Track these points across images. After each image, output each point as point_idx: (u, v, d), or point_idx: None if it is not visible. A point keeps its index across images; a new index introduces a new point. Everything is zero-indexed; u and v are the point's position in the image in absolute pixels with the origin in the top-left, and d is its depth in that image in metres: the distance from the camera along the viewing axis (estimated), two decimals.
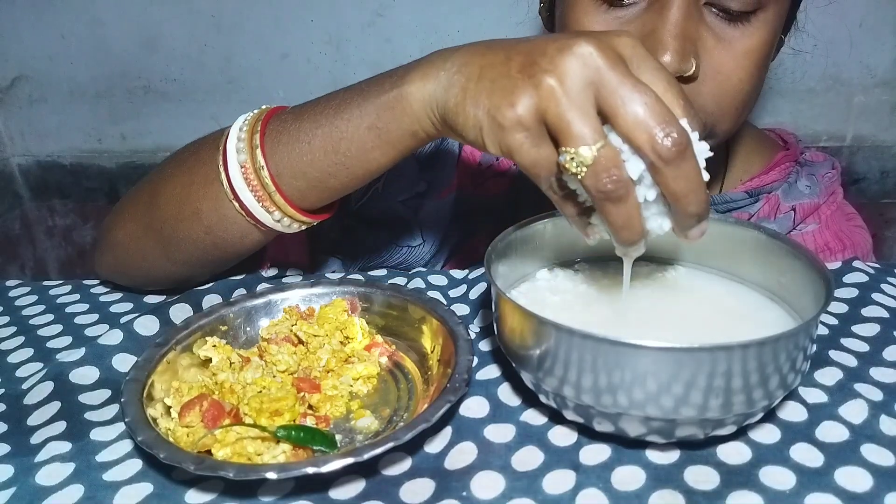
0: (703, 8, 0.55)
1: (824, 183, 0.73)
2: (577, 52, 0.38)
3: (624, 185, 0.38)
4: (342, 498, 0.39)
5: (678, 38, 0.53)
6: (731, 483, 0.38)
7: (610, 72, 0.38)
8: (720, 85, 0.56)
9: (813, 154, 0.76)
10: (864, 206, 1.18)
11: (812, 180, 0.73)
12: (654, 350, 0.36)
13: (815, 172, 0.74)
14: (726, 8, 0.54)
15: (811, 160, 0.75)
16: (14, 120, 1.26)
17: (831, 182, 0.74)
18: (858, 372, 0.47)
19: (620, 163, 0.38)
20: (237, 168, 0.52)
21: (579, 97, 0.38)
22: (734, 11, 0.54)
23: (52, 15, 1.17)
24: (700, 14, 0.55)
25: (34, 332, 0.57)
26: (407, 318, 0.51)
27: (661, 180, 0.38)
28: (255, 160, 0.52)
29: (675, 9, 0.53)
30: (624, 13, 0.56)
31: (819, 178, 0.73)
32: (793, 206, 0.71)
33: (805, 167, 0.74)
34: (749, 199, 0.71)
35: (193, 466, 0.37)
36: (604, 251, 0.53)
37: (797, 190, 0.72)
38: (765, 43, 0.57)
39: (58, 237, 1.36)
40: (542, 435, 0.42)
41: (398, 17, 1.11)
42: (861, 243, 0.72)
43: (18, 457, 0.42)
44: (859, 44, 1.07)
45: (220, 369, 0.46)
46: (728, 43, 0.56)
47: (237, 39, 1.15)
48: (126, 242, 0.59)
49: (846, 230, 0.73)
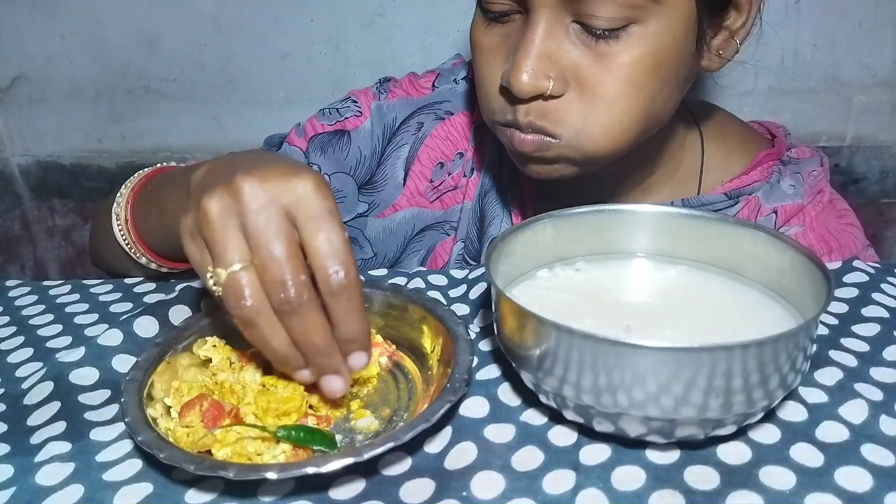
0: (570, 25, 0.55)
1: (809, 182, 0.70)
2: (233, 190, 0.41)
3: (252, 311, 0.40)
4: (342, 498, 0.39)
5: (529, 58, 0.54)
6: (731, 483, 0.38)
7: (253, 214, 0.40)
8: (588, 101, 0.56)
9: (799, 150, 0.73)
10: (864, 206, 1.18)
11: (797, 179, 0.70)
12: (654, 350, 0.36)
13: (800, 170, 0.71)
14: (592, 25, 0.54)
15: (797, 157, 0.72)
16: (14, 120, 1.26)
17: (817, 181, 0.70)
18: (858, 372, 0.47)
19: (249, 290, 0.40)
20: (117, 229, 0.64)
21: (222, 223, 0.40)
22: (602, 29, 0.54)
23: (52, 15, 1.17)
24: (566, 31, 0.55)
25: (34, 332, 0.57)
26: (407, 318, 0.51)
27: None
28: (128, 228, 0.64)
29: (536, 28, 0.54)
30: (504, 29, 0.58)
31: (805, 176, 0.70)
32: (774, 208, 0.69)
33: (789, 165, 0.71)
34: (728, 200, 0.69)
35: (193, 466, 0.37)
36: (604, 250, 0.53)
37: (780, 191, 0.69)
38: (644, 57, 0.55)
39: (58, 237, 1.36)
40: (542, 435, 0.42)
41: (398, 17, 1.11)
42: (850, 243, 0.69)
43: (18, 457, 0.42)
44: (859, 44, 1.07)
45: (220, 369, 0.46)
46: (600, 58, 0.55)
47: (237, 39, 1.15)
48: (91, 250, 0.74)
49: (835, 230, 0.70)
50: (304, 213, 0.40)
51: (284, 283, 0.39)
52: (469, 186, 0.77)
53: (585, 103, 0.56)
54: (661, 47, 0.55)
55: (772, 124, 0.77)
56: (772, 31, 0.66)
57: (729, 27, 0.60)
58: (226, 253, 0.40)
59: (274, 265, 0.39)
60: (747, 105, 1.11)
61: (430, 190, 0.78)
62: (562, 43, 0.55)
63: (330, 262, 0.40)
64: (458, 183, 0.77)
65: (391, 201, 0.78)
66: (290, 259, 0.40)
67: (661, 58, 0.56)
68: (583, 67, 0.55)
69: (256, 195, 0.40)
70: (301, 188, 0.41)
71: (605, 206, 0.52)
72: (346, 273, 0.40)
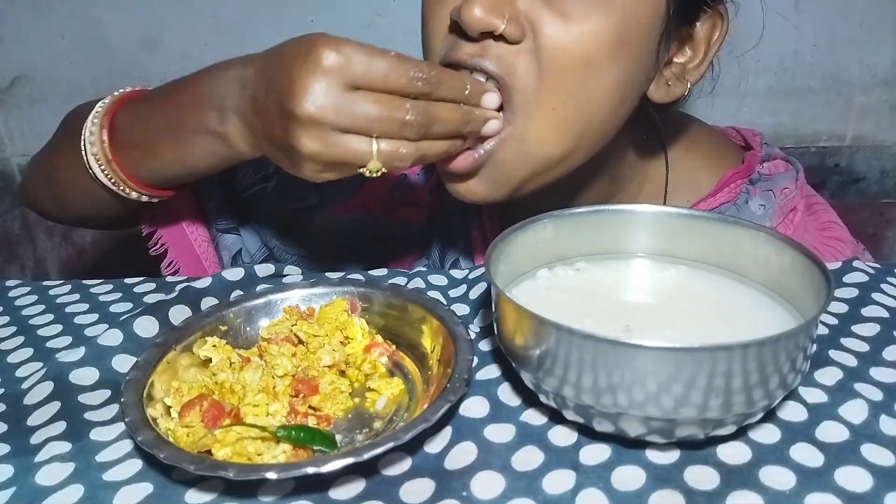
0: None
1: (780, 201, 0.67)
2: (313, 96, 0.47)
3: (412, 153, 0.50)
4: (342, 498, 0.39)
5: None
6: (731, 483, 0.38)
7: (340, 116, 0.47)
8: (547, 52, 0.52)
9: (773, 165, 0.69)
10: (864, 206, 1.19)
11: (767, 198, 0.67)
12: (654, 350, 0.36)
13: (772, 187, 0.67)
14: None
15: (769, 173, 0.68)
16: (14, 120, 1.26)
17: (789, 199, 0.67)
18: (858, 372, 0.47)
19: (398, 144, 0.49)
20: (93, 158, 0.61)
21: (329, 142, 0.48)
22: None
23: (52, 15, 1.17)
24: None
25: (34, 332, 0.57)
26: (407, 318, 0.51)
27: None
28: (105, 152, 0.61)
29: None
30: None
31: (776, 193, 0.67)
32: None
33: (759, 183, 0.67)
34: None
35: (193, 466, 0.37)
36: (604, 250, 0.53)
37: (748, 211, 0.66)
38: (607, 28, 0.52)
39: (58, 237, 1.36)
40: (542, 435, 0.42)
41: (398, 17, 1.11)
42: (831, 260, 0.64)
43: (18, 457, 0.42)
44: (859, 44, 1.07)
45: (220, 369, 0.46)
46: (565, 16, 0.52)
47: (237, 39, 1.15)
48: (35, 186, 0.72)
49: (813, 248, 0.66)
50: (359, 79, 0.47)
51: (404, 120, 0.48)
52: (433, 204, 0.75)
53: (542, 53, 0.52)
54: (624, 26, 0.52)
55: (748, 132, 0.75)
56: (772, 30, 0.66)
57: (684, 63, 0.59)
58: (360, 152, 0.48)
59: (391, 129, 0.48)
60: (747, 105, 1.11)
61: (389, 199, 0.75)
62: None
63: (407, 78, 0.48)
64: (419, 199, 0.75)
65: (345, 200, 0.76)
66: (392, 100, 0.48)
67: (623, 40, 0.53)
68: (543, 21, 0.52)
69: (323, 109, 0.47)
70: (333, 63, 0.47)
71: (605, 206, 0.52)
72: (420, 69, 0.48)
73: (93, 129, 0.61)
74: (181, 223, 0.72)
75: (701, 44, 0.59)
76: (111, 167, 0.61)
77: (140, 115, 0.61)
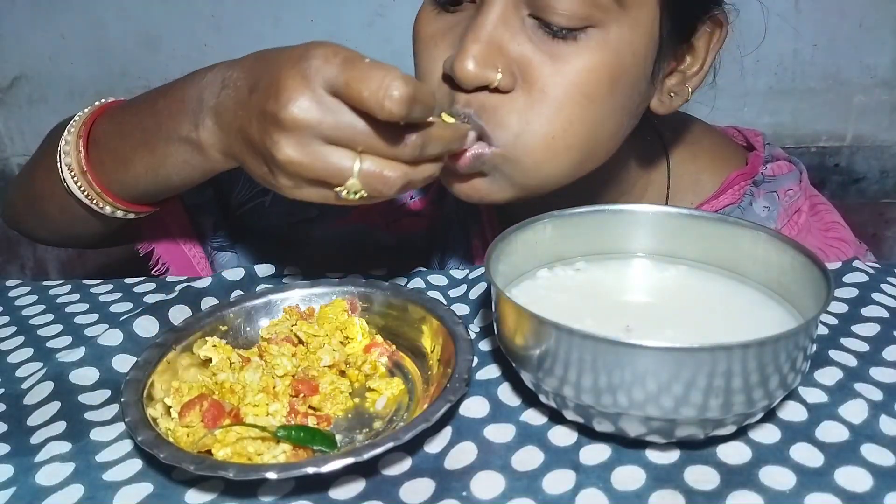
0: (525, 19, 0.51)
1: (784, 203, 0.67)
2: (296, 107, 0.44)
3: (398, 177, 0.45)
4: (342, 498, 0.39)
5: (478, 43, 0.50)
6: (731, 483, 0.38)
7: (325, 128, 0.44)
8: (534, 103, 0.52)
9: (777, 166, 0.69)
10: (864, 206, 1.19)
11: (771, 199, 0.67)
12: (654, 350, 0.36)
13: (776, 189, 0.67)
14: (550, 21, 0.50)
15: (772, 174, 0.68)
16: (14, 120, 1.26)
17: (793, 201, 0.67)
18: (858, 372, 0.47)
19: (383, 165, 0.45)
20: (66, 168, 0.59)
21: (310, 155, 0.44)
22: (559, 27, 0.50)
23: (52, 15, 1.17)
24: (522, 25, 0.52)
25: (34, 332, 0.57)
26: (407, 318, 0.51)
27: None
28: (80, 163, 0.58)
29: (488, 13, 0.51)
30: (454, 18, 0.55)
31: (780, 195, 0.67)
32: None
33: (763, 185, 0.67)
34: None
35: (193, 466, 0.37)
36: (604, 250, 0.53)
37: (753, 213, 0.66)
38: (601, 66, 0.52)
39: None
40: (542, 435, 0.42)
41: (398, 17, 1.11)
42: (834, 260, 0.64)
43: (18, 457, 0.42)
44: (859, 44, 1.07)
45: (220, 369, 0.46)
46: (554, 58, 0.51)
47: (237, 39, 1.15)
48: (16, 203, 0.69)
49: (818, 250, 0.67)
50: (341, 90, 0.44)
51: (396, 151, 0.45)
52: (433, 214, 0.74)
53: (530, 106, 0.52)
54: (619, 61, 0.52)
55: (750, 132, 0.75)
56: (772, 31, 0.66)
57: (683, 71, 0.59)
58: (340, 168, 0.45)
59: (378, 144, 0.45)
60: (747, 105, 1.11)
61: (389, 210, 0.74)
62: (515, 35, 0.51)
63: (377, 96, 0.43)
64: (420, 209, 0.75)
65: (345, 212, 0.74)
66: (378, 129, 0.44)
67: (618, 73, 0.53)
68: (534, 66, 0.51)
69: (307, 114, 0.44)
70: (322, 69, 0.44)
71: (605, 207, 0.52)
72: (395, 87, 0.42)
73: (69, 138, 0.58)
74: (178, 242, 0.71)
75: (700, 51, 0.59)
76: (84, 178, 0.58)
77: (118, 123, 0.59)
